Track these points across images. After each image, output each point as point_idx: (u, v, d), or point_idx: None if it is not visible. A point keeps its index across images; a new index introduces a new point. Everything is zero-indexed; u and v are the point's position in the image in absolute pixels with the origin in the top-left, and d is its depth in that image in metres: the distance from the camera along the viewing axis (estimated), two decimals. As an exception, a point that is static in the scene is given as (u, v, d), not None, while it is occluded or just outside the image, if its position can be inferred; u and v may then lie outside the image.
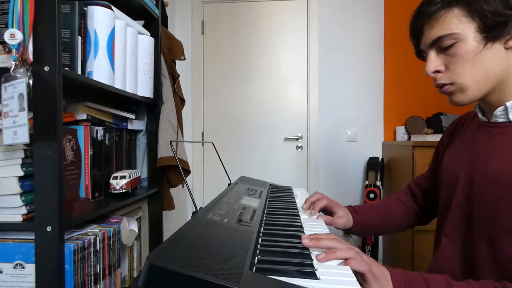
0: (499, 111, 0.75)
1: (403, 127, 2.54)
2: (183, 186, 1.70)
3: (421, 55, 0.80)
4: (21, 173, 0.81)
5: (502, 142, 0.73)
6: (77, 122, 1.06)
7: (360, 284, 0.55)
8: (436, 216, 0.99)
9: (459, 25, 0.70)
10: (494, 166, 0.72)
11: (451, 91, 0.75)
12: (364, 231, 1.06)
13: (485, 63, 0.70)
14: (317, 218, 0.96)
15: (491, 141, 0.76)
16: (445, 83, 0.75)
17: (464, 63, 0.71)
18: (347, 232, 1.06)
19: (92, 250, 0.91)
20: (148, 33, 1.38)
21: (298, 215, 0.95)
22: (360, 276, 0.63)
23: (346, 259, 0.62)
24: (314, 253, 0.66)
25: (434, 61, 0.75)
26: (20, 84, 0.76)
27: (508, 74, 0.72)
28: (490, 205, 0.72)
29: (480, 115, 0.81)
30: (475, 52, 0.70)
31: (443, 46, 0.72)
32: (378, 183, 2.51)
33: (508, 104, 0.73)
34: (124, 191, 1.15)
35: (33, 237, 0.78)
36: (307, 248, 0.67)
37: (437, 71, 0.75)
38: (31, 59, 0.77)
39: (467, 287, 0.64)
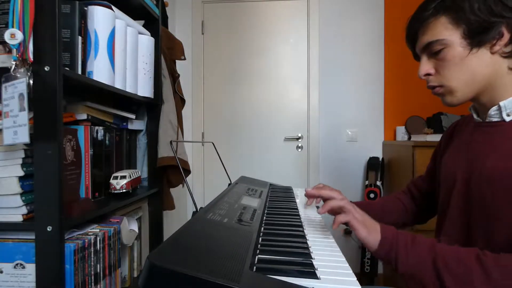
0: (493, 110, 0.77)
1: (403, 127, 2.54)
2: (183, 186, 1.70)
3: (418, 57, 0.84)
4: (21, 173, 0.81)
5: (497, 140, 0.75)
6: (77, 122, 1.06)
7: (351, 235, 0.60)
8: (433, 215, 1.04)
9: (446, 32, 0.75)
10: (490, 164, 0.74)
11: (441, 92, 0.80)
12: None
13: (472, 67, 0.74)
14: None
15: (486, 140, 0.78)
16: (435, 85, 0.80)
17: (452, 67, 0.76)
18: (347, 233, 1.07)
19: (92, 250, 0.91)
20: (148, 33, 1.38)
21: (298, 215, 0.95)
22: (349, 226, 0.72)
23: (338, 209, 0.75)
24: (314, 253, 0.66)
25: (425, 64, 0.80)
26: (21, 84, 0.76)
27: (495, 76, 0.75)
28: (487, 202, 0.74)
29: (475, 116, 0.84)
30: (461, 57, 0.74)
31: (433, 51, 0.77)
32: (378, 183, 2.51)
33: (501, 103, 0.75)
34: (124, 191, 1.15)
35: (33, 237, 0.78)
36: (307, 248, 0.67)
37: (428, 74, 0.80)
38: (31, 59, 0.77)
39: (450, 248, 0.67)
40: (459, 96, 0.78)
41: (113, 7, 1.07)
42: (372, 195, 2.48)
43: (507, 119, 0.75)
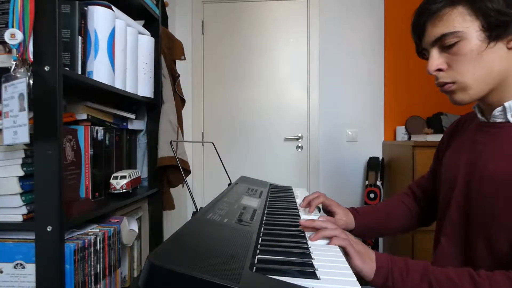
0: (497, 111, 0.75)
1: (403, 127, 2.54)
2: (183, 186, 1.70)
3: (422, 54, 0.80)
4: (22, 173, 0.81)
5: (500, 142, 0.74)
6: (77, 122, 1.06)
7: (347, 261, 0.62)
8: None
9: (463, 23, 0.70)
10: (492, 166, 0.73)
11: (452, 89, 0.75)
12: (367, 233, 1.05)
13: (488, 62, 0.70)
14: (318, 218, 0.96)
15: (489, 141, 0.76)
16: (447, 81, 0.75)
17: (467, 62, 0.71)
18: None
19: (92, 250, 0.91)
20: (148, 33, 1.38)
21: (298, 215, 0.95)
22: (346, 253, 0.69)
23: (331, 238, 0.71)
24: (314, 253, 0.66)
25: (436, 59, 0.74)
26: (21, 84, 0.76)
27: (508, 74, 0.72)
28: (488, 205, 0.73)
29: (479, 115, 0.82)
30: (478, 51, 0.70)
31: (446, 44, 0.72)
32: (378, 183, 2.51)
33: (506, 104, 0.73)
34: (124, 191, 1.15)
35: (33, 237, 0.78)
36: (307, 248, 0.67)
37: (439, 70, 0.75)
38: (31, 59, 0.77)
39: (444, 272, 0.65)
40: (472, 93, 0.73)
41: (113, 7, 1.07)
42: (372, 195, 2.48)
43: None
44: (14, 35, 0.73)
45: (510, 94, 0.73)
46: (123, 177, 1.16)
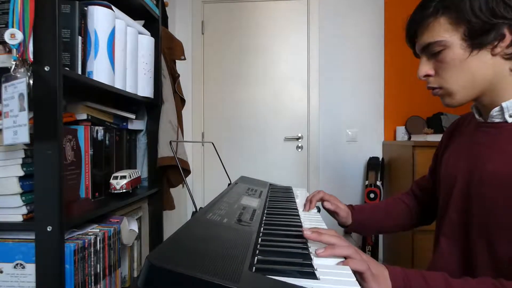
0: (495, 111, 0.76)
1: (403, 127, 2.54)
2: (183, 186, 1.70)
3: (419, 56, 0.83)
4: (21, 173, 0.81)
5: (499, 142, 0.74)
6: (77, 122, 1.06)
7: (359, 283, 0.55)
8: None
9: (446, 33, 0.72)
10: (492, 167, 0.73)
11: (440, 94, 0.79)
12: (363, 229, 1.08)
13: (472, 69, 0.73)
14: (317, 211, 1.00)
15: (488, 142, 0.77)
16: (435, 86, 0.78)
17: (451, 70, 0.74)
18: (347, 232, 1.07)
19: (92, 250, 0.91)
20: (148, 33, 1.38)
21: (298, 215, 0.95)
22: (358, 275, 0.64)
23: (345, 258, 0.64)
24: (313, 252, 0.66)
25: (425, 65, 0.78)
26: (21, 84, 0.76)
27: (497, 79, 0.73)
28: (487, 205, 0.73)
29: (477, 116, 0.82)
30: (461, 59, 0.72)
31: (432, 52, 0.75)
32: (378, 183, 2.51)
33: (503, 104, 0.74)
34: (124, 191, 1.15)
35: (33, 237, 0.78)
36: (307, 248, 0.67)
37: (428, 75, 0.78)
38: (31, 59, 0.77)
39: (465, 284, 0.64)
40: (458, 98, 0.76)
41: (113, 7, 1.07)
42: (372, 195, 2.48)
43: (510, 120, 0.73)
44: (14, 35, 0.74)
45: (502, 96, 0.74)
46: (123, 177, 1.16)
